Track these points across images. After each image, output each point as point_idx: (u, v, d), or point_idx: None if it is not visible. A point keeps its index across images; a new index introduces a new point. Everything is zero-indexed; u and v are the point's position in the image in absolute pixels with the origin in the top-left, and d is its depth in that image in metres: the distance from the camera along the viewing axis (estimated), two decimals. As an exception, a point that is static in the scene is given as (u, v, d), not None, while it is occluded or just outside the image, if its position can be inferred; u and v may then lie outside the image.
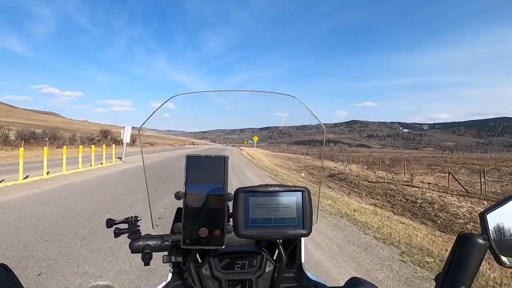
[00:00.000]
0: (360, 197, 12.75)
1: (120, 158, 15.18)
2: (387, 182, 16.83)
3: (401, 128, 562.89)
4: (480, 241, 0.48)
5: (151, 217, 0.86)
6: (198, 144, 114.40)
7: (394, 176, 19.30)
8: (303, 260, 0.87)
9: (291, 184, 0.81)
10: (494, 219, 0.50)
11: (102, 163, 13.19)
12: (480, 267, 0.54)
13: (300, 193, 0.70)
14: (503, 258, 0.49)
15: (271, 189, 0.69)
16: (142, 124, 0.87)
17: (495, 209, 0.51)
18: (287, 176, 15.52)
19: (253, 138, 60.45)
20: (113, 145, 17.33)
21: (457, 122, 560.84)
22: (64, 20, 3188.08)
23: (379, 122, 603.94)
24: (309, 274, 0.85)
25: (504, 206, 0.51)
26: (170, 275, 0.80)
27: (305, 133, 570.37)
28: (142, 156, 0.99)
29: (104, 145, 16.59)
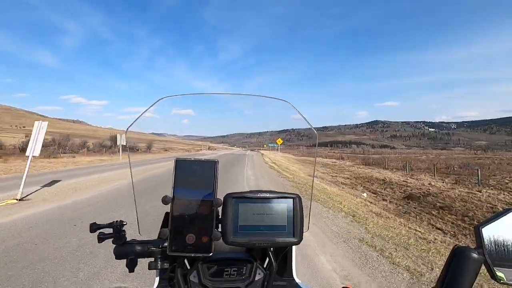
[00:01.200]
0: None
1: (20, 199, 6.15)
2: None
3: (426, 127, 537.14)
4: (475, 255, 0.47)
5: (138, 221, 0.82)
6: (216, 149, 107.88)
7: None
8: (294, 269, 0.84)
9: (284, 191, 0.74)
10: (489, 232, 0.49)
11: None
12: (475, 282, 0.48)
13: (291, 199, 0.69)
14: (498, 273, 0.48)
15: (261, 195, 0.68)
16: (128, 127, 0.83)
17: (490, 223, 0.50)
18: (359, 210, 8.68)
19: (277, 141, 53.29)
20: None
21: (488, 119, 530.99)
22: (89, 33, 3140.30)
23: (402, 121, 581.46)
24: (300, 283, 0.82)
25: (500, 219, 0.50)
26: (156, 281, 0.77)
27: (326, 134, 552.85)
28: (129, 160, 1.02)
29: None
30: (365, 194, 13.29)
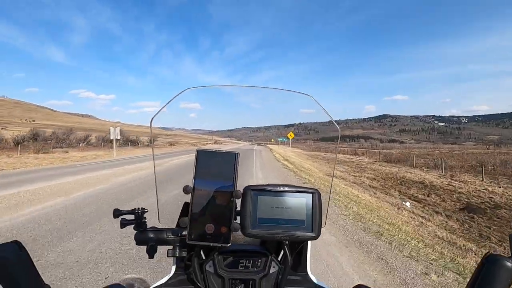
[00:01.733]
0: None
1: None
2: None
3: (436, 121, 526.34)
4: (509, 264, 0.45)
5: (158, 210, 0.84)
6: (222, 143, 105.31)
7: None
8: (309, 264, 0.84)
9: (303, 186, 0.75)
10: None
11: None
12: None
13: (311, 194, 0.68)
14: None
15: (280, 188, 0.67)
16: (154, 116, 0.79)
17: None
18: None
19: (288, 135, 49.12)
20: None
21: (500, 113, 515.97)
22: (98, 29, 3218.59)
23: (411, 116, 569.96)
24: (314, 279, 0.81)
25: None
26: (173, 269, 0.78)
27: (333, 128, 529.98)
28: (152, 147, 1.28)
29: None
30: (408, 204, 10.39)
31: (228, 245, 0.63)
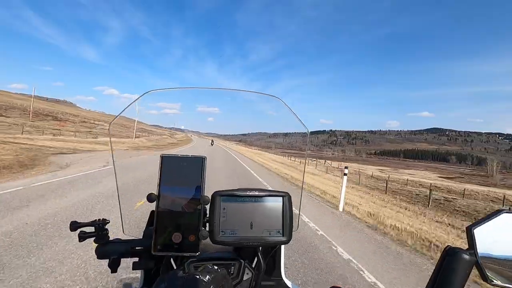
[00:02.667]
0: None
1: None
2: None
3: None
4: (466, 256, 0.47)
5: (122, 220, 0.80)
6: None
7: None
8: (283, 268, 0.84)
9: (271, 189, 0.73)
10: (482, 234, 0.49)
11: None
12: (466, 284, 0.48)
13: (281, 198, 0.67)
14: (490, 275, 0.47)
15: (250, 193, 0.66)
16: (113, 120, 0.83)
17: (483, 224, 0.49)
18: None
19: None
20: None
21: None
22: (130, 32, 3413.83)
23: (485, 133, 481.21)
24: (288, 283, 0.81)
25: (492, 220, 0.49)
26: (141, 282, 0.75)
27: (386, 138, 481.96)
28: (112, 153, 0.93)
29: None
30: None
31: (197, 254, 0.61)
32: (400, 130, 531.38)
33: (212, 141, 53.08)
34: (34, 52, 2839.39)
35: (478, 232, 0.48)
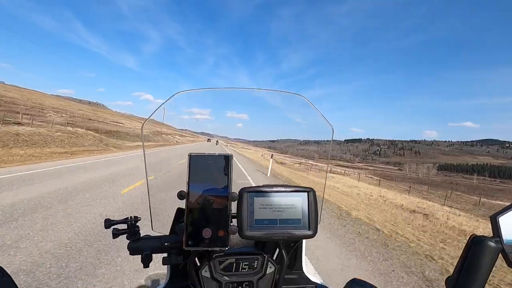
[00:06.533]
0: None
1: None
2: None
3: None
4: (492, 244, 0.48)
5: (151, 217, 0.82)
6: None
7: None
8: (304, 262, 0.86)
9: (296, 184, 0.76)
10: (506, 222, 0.49)
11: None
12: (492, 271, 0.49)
13: (306, 193, 0.69)
14: None
15: (276, 189, 0.68)
16: (145, 121, 0.87)
17: (507, 212, 0.50)
18: None
19: None
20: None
21: None
22: (166, 41, 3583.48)
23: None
24: (310, 276, 0.83)
25: None
26: (168, 277, 0.79)
27: (441, 149, 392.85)
28: (144, 155, 0.92)
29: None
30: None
31: (227, 248, 0.63)
32: (449, 141, 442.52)
33: (217, 141, 59.89)
34: (80, 60, 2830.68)
35: (503, 220, 0.49)
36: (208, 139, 56.20)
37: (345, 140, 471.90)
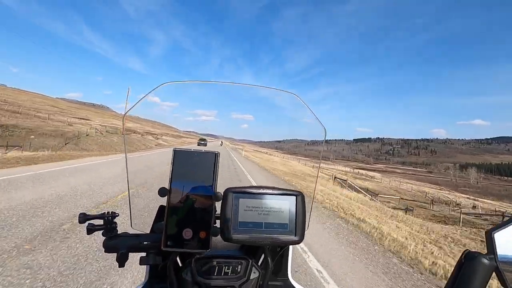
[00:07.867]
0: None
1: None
2: None
3: None
4: (486, 261, 0.46)
5: (130, 213, 0.78)
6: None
7: None
8: (289, 269, 0.82)
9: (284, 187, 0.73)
10: (502, 238, 0.47)
11: None
12: None
13: (294, 197, 0.66)
14: (510, 281, 0.46)
15: (263, 191, 0.65)
16: (126, 113, 0.84)
17: (503, 228, 0.47)
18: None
19: None
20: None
21: None
22: (172, 43, 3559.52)
23: None
24: (295, 284, 0.80)
25: None
26: (146, 278, 0.74)
27: (458, 148, 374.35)
28: (125, 148, 0.87)
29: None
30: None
31: (208, 251, 0.60)
32: (463, 139, 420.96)
33: (222, 142, 61.49)
34: (88, 63, 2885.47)
35: (498, 236, 0.47)
36: (202, 139, 45.86)
37: (354, 139, 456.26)
